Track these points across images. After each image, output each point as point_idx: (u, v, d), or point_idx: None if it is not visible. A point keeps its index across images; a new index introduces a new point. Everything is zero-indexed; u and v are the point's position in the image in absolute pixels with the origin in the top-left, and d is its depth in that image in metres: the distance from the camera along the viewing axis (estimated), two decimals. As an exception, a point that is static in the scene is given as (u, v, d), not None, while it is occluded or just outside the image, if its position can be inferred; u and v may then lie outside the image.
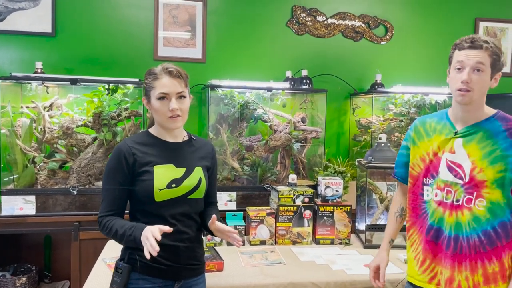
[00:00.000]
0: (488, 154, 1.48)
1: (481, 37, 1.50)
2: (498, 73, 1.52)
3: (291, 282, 1.90)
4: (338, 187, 2.46)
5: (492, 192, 1.48)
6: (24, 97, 2.95)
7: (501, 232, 1.48)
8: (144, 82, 1.60)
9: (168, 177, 1.55)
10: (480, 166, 1.49)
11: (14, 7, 3.08)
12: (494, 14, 3.81)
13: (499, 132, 1.50)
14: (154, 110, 1.59)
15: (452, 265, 1.53)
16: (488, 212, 1.48)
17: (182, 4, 3.30)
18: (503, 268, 1.49)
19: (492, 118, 1.53)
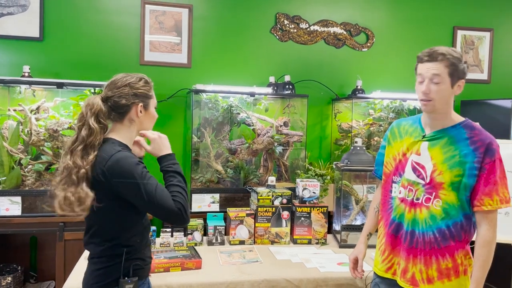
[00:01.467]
0: (449, 159, 1.58)
1: (439, 49, 1.56)
2: (460, 80, 1.58)
3: (265, 279, 1.98)
4: (315, 189, 2.55)
5: (448, 194, 1.57)
6: (12, 100, 3.01)
7: (454, 231, 1.58)
8: (140, 88, 1.60)
9: None
10: (440, 169, 1.58)
11: (3, 12, 3.14)
12: (472, 23, 3.94)
13: (462, 139, 1.58)
14: (149, 118, 1.64)
15: (407, 257, 1.64)
16: (443, 212, 1.58)
17: (168, 10, 3.39)
18: (455, 264, 1.59)
19: (458, 125, 1.61)
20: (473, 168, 1.54)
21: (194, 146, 3.15)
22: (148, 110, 1.62)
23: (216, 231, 2.44)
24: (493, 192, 1.54)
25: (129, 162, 1.48)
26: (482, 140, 1.56)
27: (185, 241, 2.36)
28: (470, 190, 1.56)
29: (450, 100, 1.60)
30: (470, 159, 1.55)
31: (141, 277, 1.55)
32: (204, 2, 3.45)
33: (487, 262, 1.55)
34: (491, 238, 1.55)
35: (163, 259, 2.07)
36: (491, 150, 1.54)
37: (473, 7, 3.94)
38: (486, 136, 1.58)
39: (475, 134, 1.58)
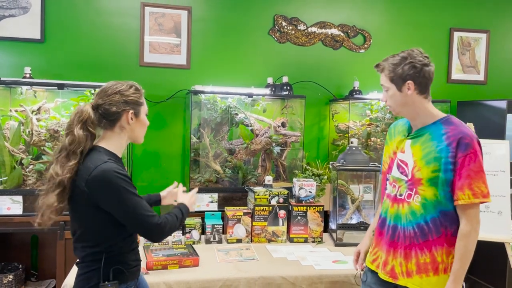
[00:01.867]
0: (426, 155, 1.63)
1: (382, 61, 1.71)
2: (405, 83, 1.64)
3: (261, 276, 2.02)
4: (311, 188, 2.59)
5: (426, 189, 1.62)
6: (13, 101, 3.05)
7: (432, 227, 1.62)
8: (130, 96, 1.61)
9: None
10: (419, 165, 1.64)
11: (5, 14, 3.19)
12: (468, 25, 3.98)
13: (439, 135, 1.62)
14: (140, 125, 1.66)
15: (388, 250, 1.70)
16: (422, 207, 1.63)
17: (167, 12, 3.43)
18: (434, 260, 1.62)
19: (438, 121, 1.66)
20: (448, 163, 1.58)
21: (193, 146, 3.19)
22: (139, 117, 1.64)
23: (214, 229, 2.48)
24: (465, 186, 1.56)
25: (114, 175, 1.48)
26: (455, 135, 1.58)
27: (183, 239, 2.40)
28: (449, 185, 1.59)
29: (409, 101, 1.65)
30: (445, 154, 1.58)
31: (123, 280, 1.56)
32: (203, 4, 3.50)
33: (465, 256, 1.57)
34: (468, 232, 1.57)
35: (161, 256, 2.12)
36: (463, 144, 1.56)
37: (469, 8, 3.98)
38: (460, 131, 1.60)
39: (451, 129, 1.61)
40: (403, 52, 1.67)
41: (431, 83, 1.68)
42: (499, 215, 2.64)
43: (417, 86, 1.64)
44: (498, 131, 3.30)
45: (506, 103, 3.31)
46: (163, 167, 3.46)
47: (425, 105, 1.67)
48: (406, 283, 1.64)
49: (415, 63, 1.63)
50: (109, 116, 1.58)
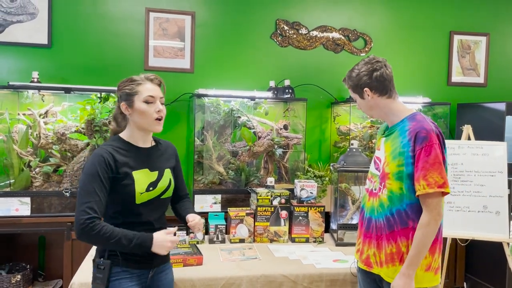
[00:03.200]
0: (393, 151, 1.72)
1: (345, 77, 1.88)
2: (363, 90, 1.78)
3: (263, 274, 2.07)
4: (313, 189, 2.64)
5: (392, 183, 1.70)
6: (21, 104, 3.13)
7: (397, 218, 1.69)
8: (122, 89, 1.71)
9: (146, 182, 1.71)
10: (387, 161, 1.74)
11: (13, 19, 3.27)
12: (468, 28, 4.03)
13: (404, 131, 1.71)
14: (139, 114, 1.69)
15: (363, 240, 1.83)
16: (388, 200, 1.72)
17: (171, 17, 3.50)
18: (399, 250, 1.69)
19: (405, 119, 1.75)
20: (409, 157, 1.66)
21: (197, 148, 3.25)
22: (133, 107, 1.69)
23: (217, 229, 2.54)
24: (420, 177, 1.62)
25: (95, 156, 1.63)
26: (414, 130, 1.66)
27: (188, 239, 2.46)
28: (411, 179, 1.66)
29: (374, 105, 1.79)
30: (406, 148, 1.67)
31: (117, 264, 1.65)
32: (207, 9, 3.57)
33: (422, 244, 1.63)
34: (426, 221, 1.63)
35: (166, 255, 2.17)
36: (419, 138, 1.64)
37: (469, 12, 4.03)
38: (419, 125, 1.67)
39: (412, 125, 1.69)
40: (357, 64, 1.83)
41: (391, 83, 1.80)
42: (497, 215, 2.68)
43: (374, 90, 1.77)
44: (497, 132, 3.34)
45: (505, 105, 3.35)
46: (168, 169, 3.52)
47: (390, 105, 1.79)
48: (379, 272, 1.75)
49: (361, 72, 1.78)
50: (117, 110, 1.76)
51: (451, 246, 3.39)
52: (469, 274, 3.60)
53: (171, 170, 1.84)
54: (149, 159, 1.76)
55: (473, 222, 2.72)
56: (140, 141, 1.75)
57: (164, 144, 1.89)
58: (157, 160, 1.80)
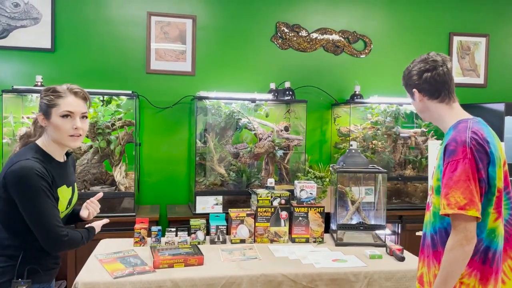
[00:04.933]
0: (437, 163, 1.59)
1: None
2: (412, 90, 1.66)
3: (263, 274, 2.10)
4: (312, 190, 2.67)
5: (435, 198, 1.55)
6: (25, 108, 3.18)
7: (439, 237, 1.54)
8: (42, 98, 1.61)
9: (66, 199, 1.66)
10: (433, 173, 1.62)
11: (17, 24, 3.32)
12: (468, 29, 4.05)
13: (444, 142, 1.55)
14: (53, 128, 1.59)
15: (420, 256, 1.68)
16: (433, 216, 1.58)
17: (173, 21, 3.55)
18: None
19: (451, 128, 1.57)
20: (441, 171, 1.52)
21: (198, 150, 3.29)
22: (50, 119, 1.59)
23: (218, 230, 2.57)
24: (442, 195, 1.48)
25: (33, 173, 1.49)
26: (446, 142, 1.52)
27: (189, 240, 2.49)
28: None
29: (425, 109, 1.65)
30: (441, 162, 1.53)
31: (38, 281, 1.58)
32: (207, 12, 3.61)
33: (446, 271, 1.45)
34: (450, 245, 1.45)
35: (168, 256, 2.21)
36: (447, 151, 1.49)
37: (469, 13, 4.06)
38: (453, 137, 1.50)
39: (450, 135, 1.53)
40: (413, 60, 1.67)
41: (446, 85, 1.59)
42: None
43: (424, 92, 1.61)
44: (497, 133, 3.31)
45: (504, 106, 3.38)
46: (169, 171, 3.56)
47: (441, 110, 1.61)
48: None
49: (413, 71, 1.63)
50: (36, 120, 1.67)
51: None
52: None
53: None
54: (65, 174, 1.68)
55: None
56: (57, 154, 1.65)
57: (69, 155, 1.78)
58: (69, 175, 1.73)
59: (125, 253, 2.33)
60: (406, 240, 3.32)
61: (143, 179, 3.50)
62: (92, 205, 1.83)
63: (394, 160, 3.62)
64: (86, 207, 1.83)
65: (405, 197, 3.66)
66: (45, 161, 1.57)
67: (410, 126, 3.74)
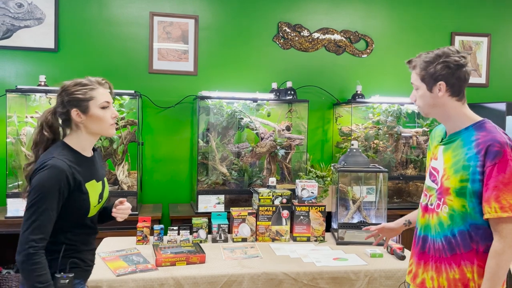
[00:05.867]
0: (456, 163, 1.51)
1: (415, 58, 1.59)
2: (437, 83, 1.52)
3: (265, 272, 2.12)
4: (313, 189, 2.68)
5: (454, 200, 1.50)
6: (29, 107, 3.20)
7: (460, 240, 1.50)
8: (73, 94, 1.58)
9: (96, 193, 1.65)
10: (448, 174, 1.53)
11: (20, 25, 3.34)
12: (469, 29, 4.06)
13: (470, 141, 1.49)
14: (94, 120, 1.60)
15: (418, 262, 1.62)
16: (449, 218, 1.51)
17: (175, 21, 3.57)
18: (464, 277, 1.50)
19: (470, 127, 1.52)
20: (476, 172, 1.45)
21: (201, 149, 3.31)
22: (89, 113, 1.59)
23: (220, 229, 2.59)
24: (492, 198, 1.42)
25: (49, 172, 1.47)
26: (485, 142, 1.45)
27: (191, 238, 2.51)
28: (477, 197, 1.47)
29: (439, 103, 1.54)
30: (473, 162, 1.46)
31: (79, 276, 1.60)
32: (210, 12, 3.63)
33: (496, 275, 1.43)
34: (500, 250, 1.42)
35: (170, 254, 2.23)
36: (491, 152, 1.43)
37: (470, 13, 4.06)
38: (491, 137, 1.45)
39: (481, 135, 1.47)
40: (438, 50, 1.54)
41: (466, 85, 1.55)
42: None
43: (449, 87, 1.51)
44: (498, 132, 3.36)
45: (506, 105, 3.38)
46: (172, 170, 3.58)
47: (458, 108, 1.55)
48: None
49: (449, 63, 1.50)
50: (60, 117, 1.62)
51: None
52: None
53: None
54: (94, 169, 1.67)
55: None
56: (87, 150, 1.66)
57: (96, 151, 1.77)
58: (99, 170, 1.72)
59: (127, 251, 2.35)
60: (407, 239, 3.33)
61: (145, 178, 3.53)
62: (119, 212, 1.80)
63: (396, 160, 3.63)
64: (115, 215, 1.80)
65: (407, 197, 3.67)
66: (71, 159, 1.56)
67: (412, 126, 3.75)
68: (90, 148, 1.68)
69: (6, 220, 2.91)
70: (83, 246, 1.64)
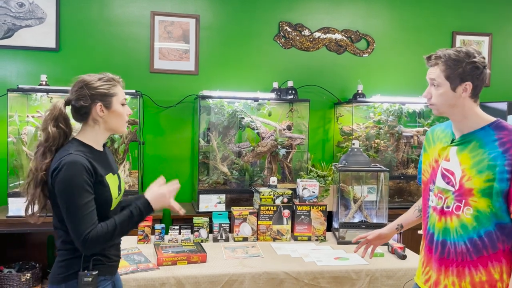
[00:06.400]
0: (478, 163, 1.48)
1: (438, 53, 1.53)
2: (464, 83, 1.49)
3: (266, 271, 2.12)
4: (315, 188, 2.69)
5: (479, 200, 1.47)
6: (30, 107, 3.20)
7: (487, 241, 1.47)
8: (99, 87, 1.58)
9: (115, 185, 1.64)
10: (469, 175, 1.49)
11: (21, 24, 3.35)
12: (471, 28, 4.05)
13: (491, 141, 1.48)
14: (114, 116, 1.61)
15: (438, 268, 1.57)
16: (474, 220, 1.48)
17: (176, 20, 3.57)
18: (491, 278, 1.48)
19: (487, 127, 1.52)
20: (504, 171, 1.43)
21: (202, 149, 3.31)
22: (111, 108, 1.59)
23: (221, 228, 2.59)
24: None
25: (75, 165, 1.48)
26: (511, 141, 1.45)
27: (192, 237, 2.51)
28: (504, 196, 1.44)
29: (459, 103, 1.51)
30: (500, 162, 1.44)
31: (103, 273, 1.59)
32: (211, 12, 3.63)
33: None
34: None
35: (171, 253, 2.23)
36: None
37: (471, 12, 4.06)
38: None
39: (504, 134, 1.47)
40: (461, 48, 1.50)
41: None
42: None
43: (473, 89, 1.50)
44: (499, 132, 3.36)
45: (507, 105, 3.38)
46: (173, 169, 3.59)
47: (473, 109, 1.53)
48: None
49: (478, 64, 1.47)
50: (79, 111, 1.58)
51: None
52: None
53: None
54: (108, 163, 1.68)
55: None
56: (99, 144, 1.65)
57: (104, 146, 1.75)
58: (112, 163, 1.72)
59: (129, 250, 2.36)
60: (408, 239, 3.33)
61: (146, 177, 3.53)
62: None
63: (397, 159, 3.63)
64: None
65: (408, 196, 3.67)
66: (87, 153, 1.55)
67: (413, 125, 3.75)
68: (101, 144, 1.68)
69: (8, 220, 2.92)
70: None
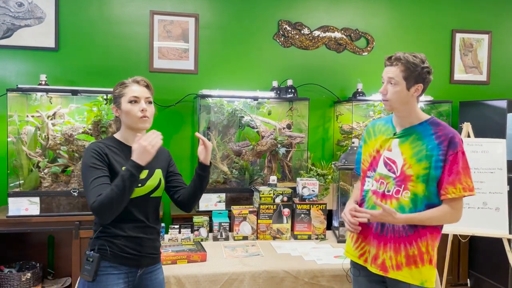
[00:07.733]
0: (417, 153, 1.73)
1: (398, 54, 1.74)
2: (417, 85, 1.74)
3: (265, 270, 2.13)
4: (314, 187, 2.69)
5: (417, 185, 1.72)
6: (30, 106, 3.20)
7: None
8: (113, 93, 1.82)
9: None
10: (410, 163, 1.74)
11: (21, 24, 3.34)
12: (470, 26, 4.05)
13: (428, 135, 1.74)
14: (125, 113, 1.76)
15: (378, 244, 1.78)
16: (411, 202, 1.73)
17: (175, 19, 3.57)
18: (420, 252, 1.72)
19: (424, 122, 1.78)
20: (439, 160, 1.69)
21: (201, 148, 3.30)
22: (121, 108, 1.78)
23: (221, 227, 2.60)
24: (456, 181, 1.68)
25: (86, 151, 1.71)
26: (446, 134, 1.71)
27: (192, 237, 2.51)
28: (437, 181, 1.70)
29: (409, 101, 1.75)
30: (436, 152, 1.70)
31: (112, 260, 1.69)
32: (210, 11, 3.63)
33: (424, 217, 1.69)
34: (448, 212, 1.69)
35: (171, 252, 2.23)
36: (453, 143, 1.69)
37: (471, 10, 4.05)
38: (449, 130, 1.73)
39: (439, 129, 1.74)
40: (417, 54, 1.75)
41: None
42: (497, 211, 2.71)
43: (422, 90, 1.76)
44: (499, 130, 3.36)
45: (507, 103, 3.38)
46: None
47: (416, 107, 1.80)
48: (396, 275, 1.73)
49: (429, 70, 1.75)
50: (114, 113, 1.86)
51: (454, 243, 3.43)
52: (472, 270, 3.63)
53: (163, 172, 1.89)
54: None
55: (473, 219, 2.75)
56: (131, 141, 1.79)
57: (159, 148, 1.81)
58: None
59: (129, 250, 2.35)
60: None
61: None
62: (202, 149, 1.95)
63: (397, 158, 3.62)
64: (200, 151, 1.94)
65: (408, 194, 3.66)
66: (111, 145, 1.76)
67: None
68: (132, 140, 1.78)
69: (8, 219, 2.92)
70: (117, 231, 1.71)
